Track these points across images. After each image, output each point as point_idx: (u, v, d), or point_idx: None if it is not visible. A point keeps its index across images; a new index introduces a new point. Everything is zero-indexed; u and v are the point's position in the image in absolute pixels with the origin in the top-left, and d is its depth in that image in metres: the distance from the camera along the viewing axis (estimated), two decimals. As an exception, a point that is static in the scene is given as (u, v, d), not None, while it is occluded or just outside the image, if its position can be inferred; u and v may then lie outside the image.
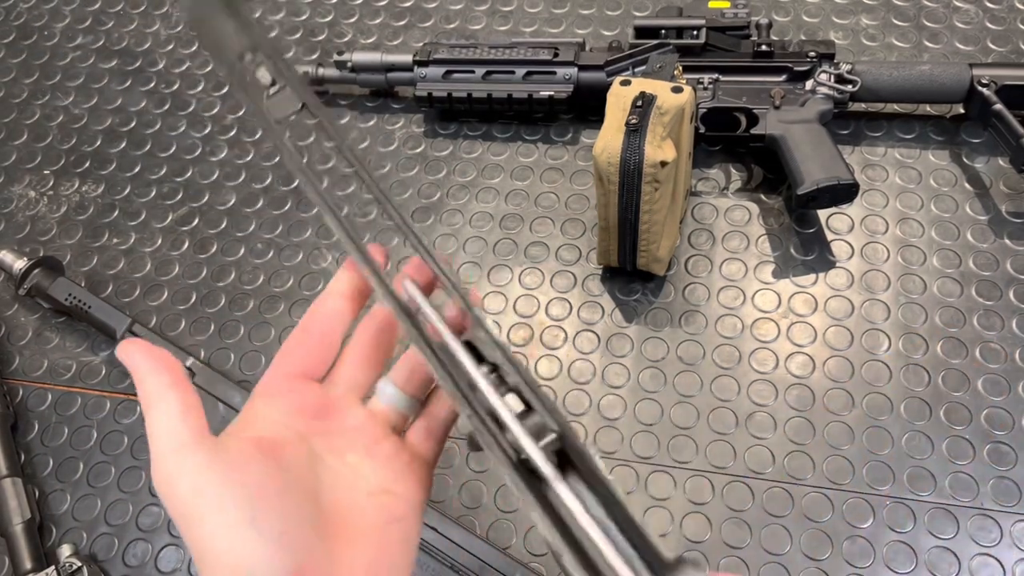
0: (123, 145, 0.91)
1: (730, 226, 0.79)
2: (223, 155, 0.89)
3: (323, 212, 0.42)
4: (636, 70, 0.81)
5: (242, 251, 0.83)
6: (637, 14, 0.94)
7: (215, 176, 0.88)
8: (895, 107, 0.84)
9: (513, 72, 0.84)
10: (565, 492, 0.31)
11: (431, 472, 0.41)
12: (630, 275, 0.76)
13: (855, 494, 0.65)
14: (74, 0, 1.04)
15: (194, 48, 0.98)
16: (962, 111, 0.82)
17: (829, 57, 0.79)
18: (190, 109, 0.93)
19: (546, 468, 0.32)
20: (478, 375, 0.35)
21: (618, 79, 0.69)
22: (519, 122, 0.88)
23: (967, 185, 0.79)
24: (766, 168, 0.81)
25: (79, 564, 0.65)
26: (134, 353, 0.36)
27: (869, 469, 0.66)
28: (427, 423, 0.41)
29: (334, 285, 0.42)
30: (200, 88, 0.95)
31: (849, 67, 0.79)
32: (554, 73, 0.83)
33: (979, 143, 0.81)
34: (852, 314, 0.73)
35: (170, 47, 0.99)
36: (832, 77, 0.78)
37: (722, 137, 0.81)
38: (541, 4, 0.97)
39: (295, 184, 0.86)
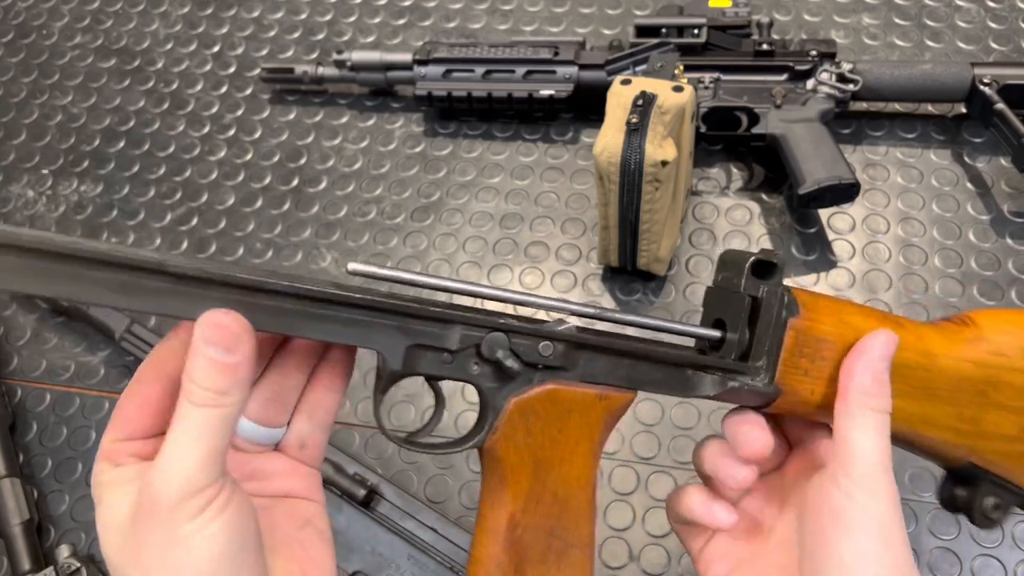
0: (121, 144, 0.91)
1: (731, 226, 0.78)
2: (222, 154, 0.89)
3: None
4: (637, 69, 0.81)
5: (241, 251, 0.83)
6: (638, 13, 0.94)
7: (214, 176, 0.88)
8: (896, 106, 0.84)
9: (513, 71, 0.83)
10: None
11: (317, 474, 0.41)
12: (631, 275, 0.76)
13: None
14: (73, -1, 1.04)
15: (193, 47, 0.98)
16: (964, 110, 0.82)
17: (830, 56, 0.79)
18: (189, 108, 0.93)
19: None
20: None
21: (619, 78, 0.68)
22: (519, 121, 0.87)
23: (969, 184, 0.79)
24: (767, 167, 0.81)
25: (78, 565, 0.64)
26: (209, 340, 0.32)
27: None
28: (297, 435, 0.41)
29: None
30: (199, 87, 0.95)
31: (850, 66, 0.78)
32: (554, 72, 0.83)
33: (981, 142, 0.81)
34: (853, 314, 0.73)
35: (169, 46, 0.98)
36: (833, 76, 0.78)
37: (723, 136, 0.81)
38: (541, 3, 0.97)
39: (294, 184, 0.86)
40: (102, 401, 0.75)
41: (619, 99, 0.67)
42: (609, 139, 0.65)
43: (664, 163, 0.65)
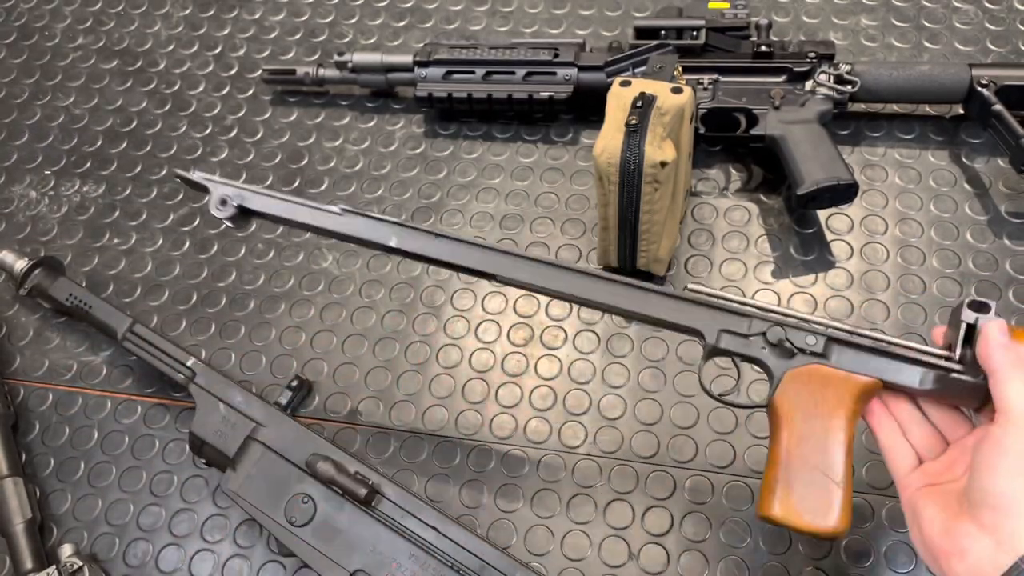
0: (124, 145, 0.91)
1: (730, 226, 0.79)
2: (224, 155, 0.90)
3: None
4: (636, 71, 0.81)
5: (243, 251, 0.83)
6: (637, 15, 0.95)
7: (216, 176, 0.88)
8: (895, 107, 0.84)
9: (513, 72, 0.84)
10: None
11: None
12: (630, 275, 0.76)
13: (855, 494, 0.65)
14: (75, 0, 1.04)
15: (195, 48, 0.98)
16: (962, 111, 0.82)
17: (829, 57, 0.79)
18: (191, 109, 0.94)
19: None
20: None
21: (618, 80, 0.69)
22: (519, 122, 0.88)
23: (966, 185, 0.79)
24: (766, 168, 0.81)
25: (80, 563, 0.65)
26: None
27: (869, 469, 0.66)
28: None
29: None
30: (201, 88, 0.95)
31: (849, 67, 0.79)
32: (554, 74, 0.83)
33: (978, 143, 0.81)
34: (852, 314, 0.73)
35: (171, 47, 0.99)
36: (832, 77, 0.78)
37: (722, 137, 0.81)
38: (541, 4, 0.97)
39: (296, 184, 0.87)
40: (104, 401, 0.75)
41: (619, 100, 0.67)
42: (609, 140, 0.66)
43: (663, 164, 0.65)
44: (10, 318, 0.81)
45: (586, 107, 0.85)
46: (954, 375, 0.52)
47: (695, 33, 0.81)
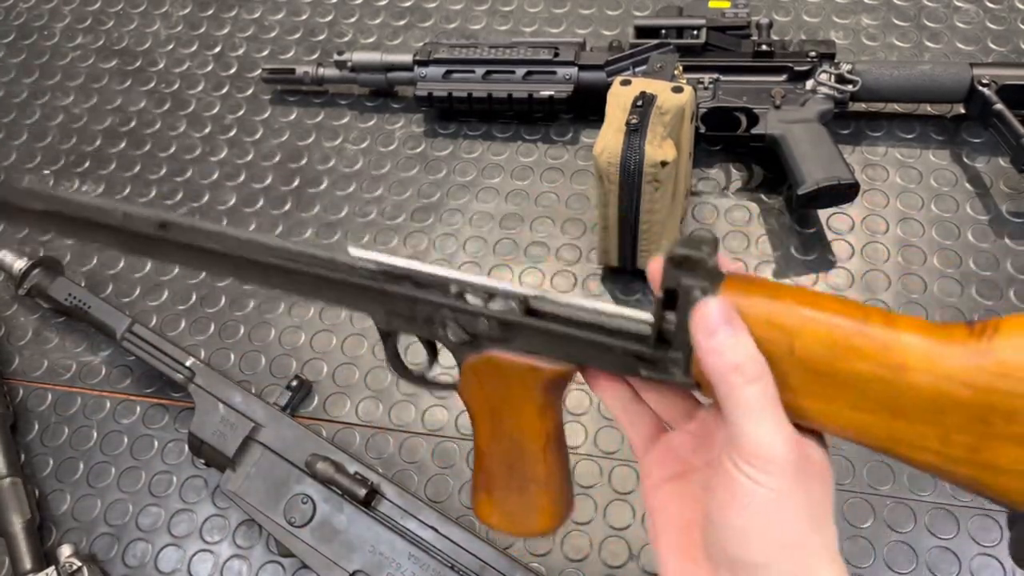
0: (123, 145, 0.91)
1: (730, 226, 0.79)
2: (223, 155, 0.89)
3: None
4: (636, 70, 0.81)
5: (242, 251, 0.83)
6: (637, 14, 0.94)
7: (215, 176, 0.88)
8: (895, 107, 0.84)
9: (513, 72, 0.83)
10: (559, 296, 0.41)
11: None
12: (630, 275, 0.76)
13: (856, 494, 0.65)
14: (74, 0, 1.04)
15: (194, 48, 0.98)
16: (962, 111, 0.82)
17: (829, 57, 0.79)
18: (190, 109, 0.93)
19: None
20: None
21: (618, 79, 0.69)
22: (519, 122, 0.88)
23: (967, 185, 0.79)
24: (766, 168, 0.81)
25: (79, 564, 0.65)
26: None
27: (870, 469, 0.66)
28: None
29: None
30: (200, 88, 0.95)
31: (849, 67, 0.78)
32: (554, 73, 0.83)
33: (979, 143, 0.81)
34: (852, 314, 0.73)
35: (170, 47, 0.99)
36: (832, 77, 0.78)
37: (722, 137, 0.81)
38: (541, 4, 0.97)
39: (295, 184, 0.86)
40: (103, 401, 0.75)
41: (619, 100, 0.67)
42: (609, 139, 0.66)
43: (664, 163, 0.65)
44: (9, 318, 0.81)
45: (586, 106, 0.85)
46: (654, 373, 0.38)
47: (696, 32, 0.81)
